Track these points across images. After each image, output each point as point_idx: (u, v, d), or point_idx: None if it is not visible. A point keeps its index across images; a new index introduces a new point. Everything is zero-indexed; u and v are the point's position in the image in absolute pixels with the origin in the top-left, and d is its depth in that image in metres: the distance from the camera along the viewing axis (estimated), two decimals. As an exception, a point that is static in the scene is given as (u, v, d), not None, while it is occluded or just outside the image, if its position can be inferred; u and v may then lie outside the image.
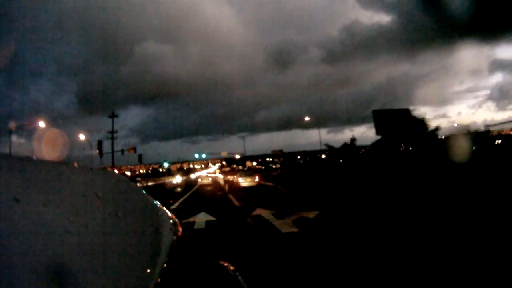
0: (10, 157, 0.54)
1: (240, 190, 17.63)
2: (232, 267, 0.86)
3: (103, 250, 0.43)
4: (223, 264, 0.85)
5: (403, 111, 18.34)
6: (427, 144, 16.89)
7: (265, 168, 73.62)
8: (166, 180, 39.25)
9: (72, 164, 0.64)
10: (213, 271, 0.79)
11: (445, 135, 19.78)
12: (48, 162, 0.59)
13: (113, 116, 34.10)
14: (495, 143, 20.43)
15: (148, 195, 0.79)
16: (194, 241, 1.30)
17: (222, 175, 47.18)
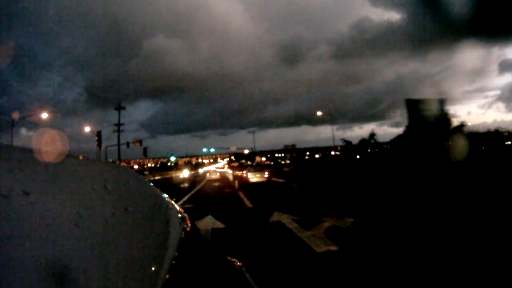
0: (20, 149, 0.51)
1: (252, 187, 16.35)
2: (239, 263, 0.88)
3: (113, 243, 0.43)
4: (231, 260, 0.86)
5: (439, 102, 16.39)
6: (459, 141, 15.13)
7: (274, 164, 72.21)
8: (173, 175, 37.80)
9: (82, 157, 0.64)
10: (221, 267, 0.80)
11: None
12: (58, 155, 0.54)
13: (120, 109, 33.34)
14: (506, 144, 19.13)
15: (157, 189, 0.79)
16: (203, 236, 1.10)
17: (231, 170, 45.97)
